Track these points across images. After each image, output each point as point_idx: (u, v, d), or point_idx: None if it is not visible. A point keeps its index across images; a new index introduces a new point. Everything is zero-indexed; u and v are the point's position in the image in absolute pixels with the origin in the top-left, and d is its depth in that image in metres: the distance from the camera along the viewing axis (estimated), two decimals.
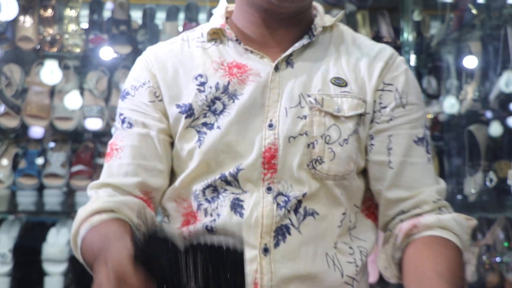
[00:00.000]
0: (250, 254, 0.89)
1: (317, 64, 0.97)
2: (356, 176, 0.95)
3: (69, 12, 2.78)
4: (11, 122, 2.67)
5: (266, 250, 0.90)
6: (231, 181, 0.93)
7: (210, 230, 0.93)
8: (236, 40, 0.98)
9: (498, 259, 2.31)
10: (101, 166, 3.00)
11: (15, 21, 2.67)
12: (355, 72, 0.96)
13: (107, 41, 2.75)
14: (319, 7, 1.02)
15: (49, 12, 2.75)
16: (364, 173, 0.97)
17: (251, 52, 0.97)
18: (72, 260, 2.58)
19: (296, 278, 0.91)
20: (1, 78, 2.68)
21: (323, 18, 1.00)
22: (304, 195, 0.92)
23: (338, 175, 0.92)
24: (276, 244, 0.90)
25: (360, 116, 0.94)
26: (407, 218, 0.94)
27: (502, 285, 2.27)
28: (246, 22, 0.99)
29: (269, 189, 0.92)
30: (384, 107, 0.95)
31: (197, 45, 1.01)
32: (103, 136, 2.87)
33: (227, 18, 1.02)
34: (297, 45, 0.96)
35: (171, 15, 2.87)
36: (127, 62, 2.81)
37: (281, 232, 0.91)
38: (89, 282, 3.00)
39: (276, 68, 0.95)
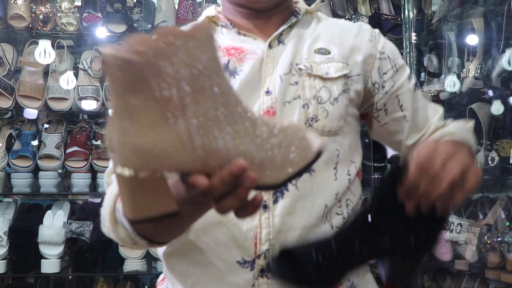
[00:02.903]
0: None
1: (303, 39, 1.08)
2: (349, 133, 1.06)
3: None
4: (4, 103, 2.62)
5: (265, 207, 0.97)
6: None
7: None
8: (231, 24, 1.09)
9: (499, 239, 2.28)
10: (96, 147, 2.94)
11: None
12: (339, 44, 1.08)
13: (102, 20, 2.69)
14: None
15: None
16: (356, 131, 1.10)
17: (245, 35, 1.08)
18: (69, 242, 2.56)
19: (293, 231, 0.97)
20: None
21: (304, 5, 1.14)
22: None
23: (332, 130, 1.02)
24: (275, 201, 0.97)
25: (347, 76, 1.05)
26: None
27: (503, 265, 2.24)
28: (232, 16, 1.10)
29: None
30: (385, 73, 1.09)
31: None
32: (98, 116, 2.83)
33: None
34: (286, 25, 1.08)
35: None
36: (122, 40, 2.76)
37: (279, 189, 0.95)
38: (86, 264, 2.94)
39: (270, 46, 1.06)
